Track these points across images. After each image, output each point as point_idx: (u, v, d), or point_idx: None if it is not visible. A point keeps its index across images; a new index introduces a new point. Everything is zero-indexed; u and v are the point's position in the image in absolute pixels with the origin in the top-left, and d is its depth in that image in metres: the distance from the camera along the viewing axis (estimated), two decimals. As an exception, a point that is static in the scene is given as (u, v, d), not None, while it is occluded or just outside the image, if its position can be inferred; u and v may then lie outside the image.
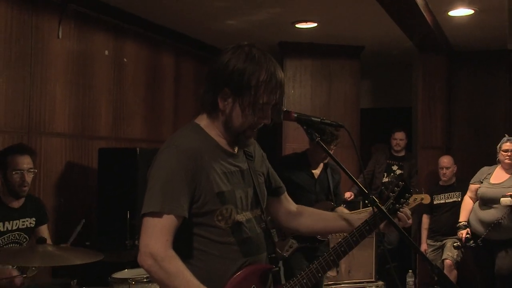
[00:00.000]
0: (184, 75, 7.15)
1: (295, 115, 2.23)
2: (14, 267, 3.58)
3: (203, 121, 2.19)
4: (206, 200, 2.05)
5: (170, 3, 5.61)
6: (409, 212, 2.31)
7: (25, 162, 3.98)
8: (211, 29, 6.55)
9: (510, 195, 5.41)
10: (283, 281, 2.27)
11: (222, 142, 2.17)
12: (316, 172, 4.78)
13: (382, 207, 2.18)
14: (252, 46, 2.12)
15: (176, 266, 1.96)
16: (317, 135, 2.26)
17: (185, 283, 1.95)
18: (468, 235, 5.79)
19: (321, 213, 2.56)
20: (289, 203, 2.52)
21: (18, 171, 3.93)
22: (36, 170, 4.15)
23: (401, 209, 2.28)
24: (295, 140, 7.20)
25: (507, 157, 5.70)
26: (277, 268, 2.25)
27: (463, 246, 5.85)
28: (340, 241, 2.24)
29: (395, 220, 2.23)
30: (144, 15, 6.06)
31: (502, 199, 5.48)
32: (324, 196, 4.76)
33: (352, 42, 7.36)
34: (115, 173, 5.17)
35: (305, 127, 2.26)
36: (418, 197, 5.09)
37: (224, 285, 2.06)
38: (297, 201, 2.60)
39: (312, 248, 4.52)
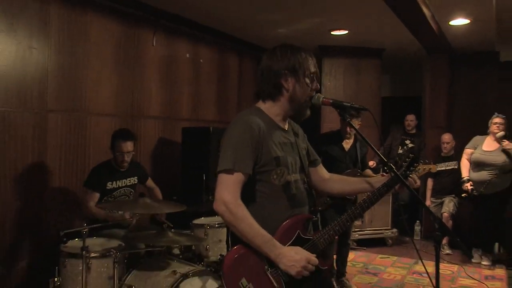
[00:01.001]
0: (246, 72, 7.17)
1: (331, 101, 2.22)
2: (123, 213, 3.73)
3: (262, 105, 2.21)
4: (266, 162, 2.07)
5: (236, 16, 5.63)
6: (416, 178, 2.26)
7: (127, 146, 4.07)
8: (266, 36, 6.53)
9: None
10: (320, 228, 2.25)
11: (277, 120, 2.19)
12: (347, 146, 4.72)
13: (398, 173, 2.16)
14: (288, 43, 2.19)
15: (243, 213, 1.99)
16: (348, 116, 2.26)
17: (249, 225, 1.98)
18: (472, 186, 5.67)
19: (348, 179, 2.53)
20: (323, 172, 2.49)
21: (121, 153, 4.06)
22: (134, 152, 4.19)
23: (410, 175, 2.23)
24: (331, 120, 7.13)
25: (496, 128, 5.57)
26: (316, 218, 2.25)
27: (470, 196, 5.70)
28: (365, 198, 2.22)
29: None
30: (215, 26, 6.11)
31: (498, 134, 5.54)
32: (352, 165, 4.70)
33: (375, 45, 7.22)
34: (194, 146, 5.25)
35: (338, 110, 2.25)
36: (427, 167, 4.98)
37: (277, 229, 2.07)
38: (330, 169, 2.58)
39: (342, 204, 4.50)
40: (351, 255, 5.69)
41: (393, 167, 2.15)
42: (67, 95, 4.43)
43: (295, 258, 1.99)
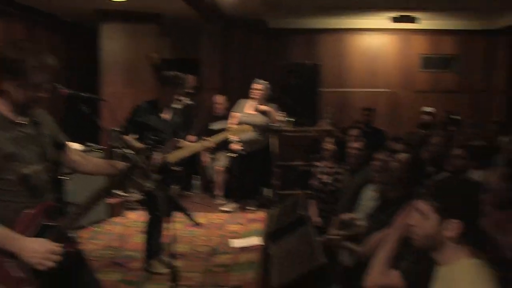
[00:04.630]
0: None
1: (68, 92, 2.23)
2: None
3: None
4: None
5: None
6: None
7: None
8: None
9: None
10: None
11: (10, 115, 2.13)
12: (166, 116, 4.34)
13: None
14: (24, 40, 2.12)
15: None
16: (86, 107, 2.28)
17: None
18: (239, 147, 6.22)
19: (95, 161, 2.62)
20: (73, 154, 2.52)
21: None
22: None
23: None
24: (111, 84, 7.10)
25: (255, 94, 6.16)
26: (60, 205, 2.31)
27: (237, 155, 6.25)
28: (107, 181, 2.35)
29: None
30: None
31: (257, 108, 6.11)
32: (173, 135, 4.34)
33: (152, 11, 7.22)
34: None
35: (75, 101, 2.25)
36: (242, 128, 5.22)
37: (17, 221, 2.08)
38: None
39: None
40: (133, 215, 5.90)
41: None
42: None
43: (35, 249, 2.03)
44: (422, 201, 1.87)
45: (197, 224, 2.32)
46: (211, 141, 4.84)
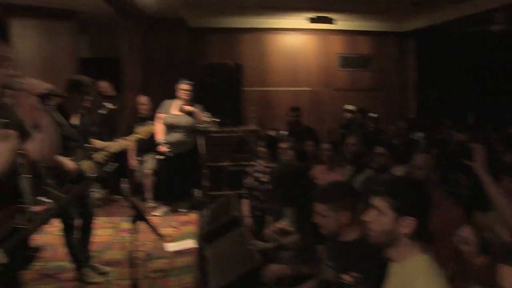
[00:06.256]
0: None
1: None
2: None
3: None
4: None
5: None
6: None
7: None
8: None
9: None
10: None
11: None
12: (74, 121, 4.09)
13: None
14: None
15: None
16: None
17: None
18: (167, 149, 6.15)
19: None
20: None
21: None
22: None
23: None
24: (25, 85, 6.71)
25: (183, 94, 6.14)
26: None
27: (165, 157, 6.16)
28: None
29: None
30: None
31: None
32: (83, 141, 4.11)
33: (67, 7, 6.91)
34: None
35: None
36: (149, 128, 5.14)
37: None
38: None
39: None
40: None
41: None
42: None
43: None
44: (378, 198, 1.96)
45: (161, 237, 2.36)
46: (128, 140, 4.80)
